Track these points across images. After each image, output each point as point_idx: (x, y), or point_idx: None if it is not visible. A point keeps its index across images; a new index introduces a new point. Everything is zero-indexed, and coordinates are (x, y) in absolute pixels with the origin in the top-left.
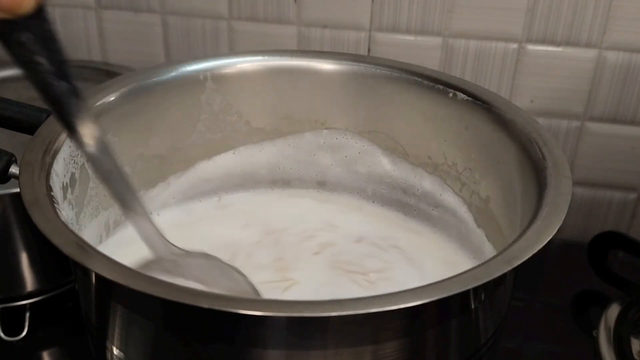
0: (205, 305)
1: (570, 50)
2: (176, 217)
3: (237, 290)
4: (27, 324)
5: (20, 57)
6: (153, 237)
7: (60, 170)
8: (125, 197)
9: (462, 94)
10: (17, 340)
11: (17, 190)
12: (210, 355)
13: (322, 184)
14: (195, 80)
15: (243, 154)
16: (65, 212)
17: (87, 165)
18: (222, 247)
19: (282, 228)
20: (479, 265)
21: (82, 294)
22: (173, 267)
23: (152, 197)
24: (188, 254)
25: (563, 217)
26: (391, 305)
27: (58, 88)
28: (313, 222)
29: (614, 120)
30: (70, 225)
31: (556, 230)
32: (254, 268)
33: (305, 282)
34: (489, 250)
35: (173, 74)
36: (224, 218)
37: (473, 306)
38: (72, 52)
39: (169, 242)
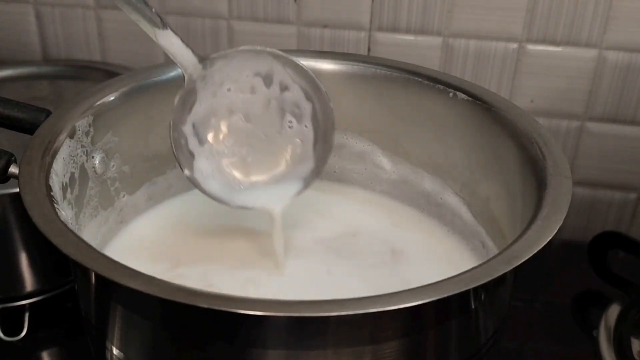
0: (205, 305)
1: (570, 50)
2: (178, 216)
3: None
4: (26, 324)
5: None
6: (181, 49)
7: (60, 170)
8: (148, 15)
9: (462, 94)
10: (17, 341)
11: (17, 190)
12: (210, 355)
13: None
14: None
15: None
16: (65, 212)
17: None
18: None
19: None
20: (479, 265)
21: (81, 294)
22: (203, 85)
23: (152, 196)
24: (214, 57)
25: (563, 217)
26: (391, 305)
27: None
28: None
29: (614, 120)
30: (69, 225)
31: (556, 230)
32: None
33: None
34: (490, 250)
35: (173, 73)
36: (225, 214)
37: (473, 306)
38: (72, 52)
39: (195, 52)
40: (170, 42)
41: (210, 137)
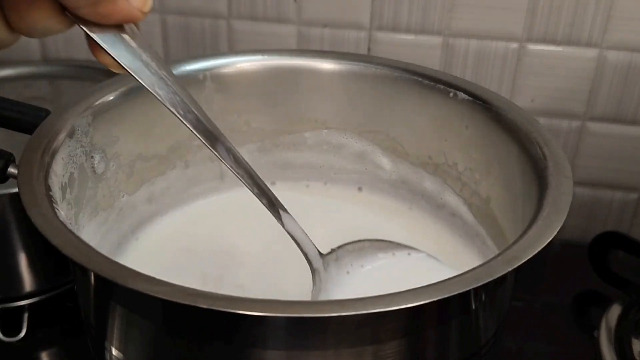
0: (205, 306)
1: (571, 50)
2: (178, 217)
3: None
4: (25, 324)
5: None
6: (305, 236)
7: (59, 170)
8: (273, 199)
9: (462, 94)
10: (16, 341)
11: (16, 190)
12: (209, 356)
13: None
14: (194, 80)
15: (242, 155)
16: (64, 212)
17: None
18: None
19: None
20: (479, 266)
21: (81, 294)
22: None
23: (152, 197)
24: (331, 251)
25: (564, 217)
26: (391, 306)
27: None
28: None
29: (615, 120)
30: (69, 225)
31: (557, 230)
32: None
33: None
34: (491, 250)
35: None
36: (225, 216)
37: (474, 306)
38: (72, 51)
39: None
40: (295, 227)
41: None
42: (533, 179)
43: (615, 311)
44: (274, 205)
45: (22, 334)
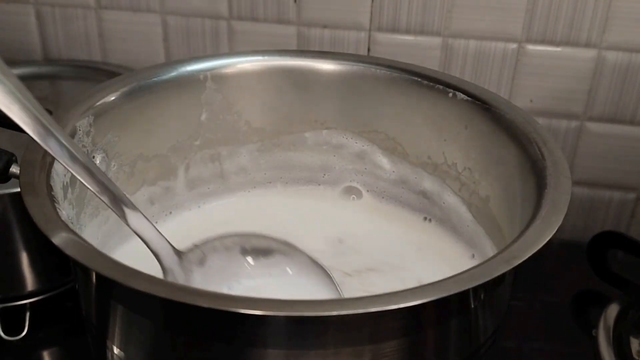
0: (205, 305)
1: (569, 50)
2: (178, 216)
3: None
4: (27, 323)
5: None
6: (156, 235)
7: (61, 169)
8: (117, 194)
9: (461, 94)
10: (17, 340)
11: (18, 189)
12: (210, 355)
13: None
14: (195, 80)
15: (243, 155)
16: (66, 212)
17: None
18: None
19: (283, 221)
20: (478, 265)
21: (82, 294)
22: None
23: (153, 197)
24: (194, 249)
25: (562, 216)
26: (391, 305)
27: None
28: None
29: (614, 120)
30: (70, 225)
31: (556, 230)
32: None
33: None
34: (490, 249)
35: (173, 73)
36: (225, 215)
37: (472, 306)
38: (73, 52)
39: (172, 246)
40: (143, 225)
41: None
42: (532, 178)
43: (613, 310)
44: (116, 202)
45: (24, 333)
